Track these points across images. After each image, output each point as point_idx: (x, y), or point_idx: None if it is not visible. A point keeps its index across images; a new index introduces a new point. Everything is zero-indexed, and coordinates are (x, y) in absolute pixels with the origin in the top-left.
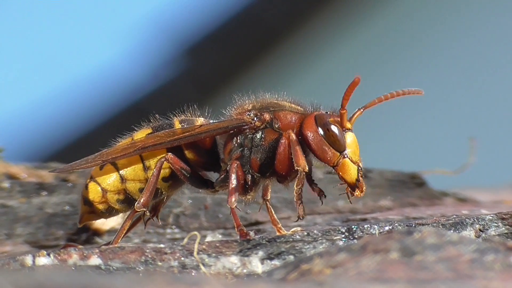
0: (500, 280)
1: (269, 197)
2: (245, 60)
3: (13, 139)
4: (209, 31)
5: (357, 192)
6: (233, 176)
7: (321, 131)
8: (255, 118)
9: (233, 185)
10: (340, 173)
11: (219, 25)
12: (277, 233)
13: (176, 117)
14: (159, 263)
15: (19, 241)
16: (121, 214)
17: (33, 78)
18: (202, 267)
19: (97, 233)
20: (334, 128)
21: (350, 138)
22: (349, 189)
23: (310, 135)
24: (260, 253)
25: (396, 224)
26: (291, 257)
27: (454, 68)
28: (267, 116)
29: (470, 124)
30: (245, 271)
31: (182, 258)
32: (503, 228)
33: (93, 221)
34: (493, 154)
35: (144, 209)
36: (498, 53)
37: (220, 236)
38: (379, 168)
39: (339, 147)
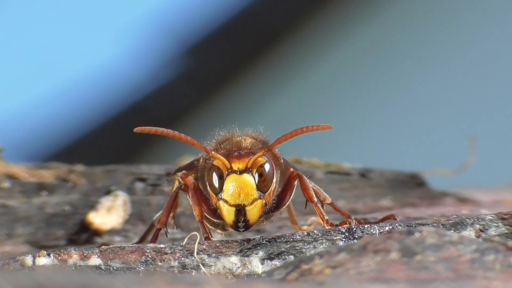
0: (500, 280)
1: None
2: (245, 60)
3: (13, 139)
4: (209, 31)
5: (241, 230)
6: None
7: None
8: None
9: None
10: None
11: (219, 25)
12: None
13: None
14: (159, 263)
15: (19, 241)
16: (121, 214)
17: (33, 78)
18: (202, 267)
19: (97, 233)
20: (210, 171)
21: (229, 180)
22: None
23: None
24: (260, 253)
25: (396, 224)
26: (291, 257)
27: (454, 68)
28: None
29: (470, 124)
30: (245, 271)
31: (182, 258)
32: (503, 228)
33: (94, 221)
34: (493, 154)
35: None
36: (498, 53)
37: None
38: (379, 168)
39: (212, 189)
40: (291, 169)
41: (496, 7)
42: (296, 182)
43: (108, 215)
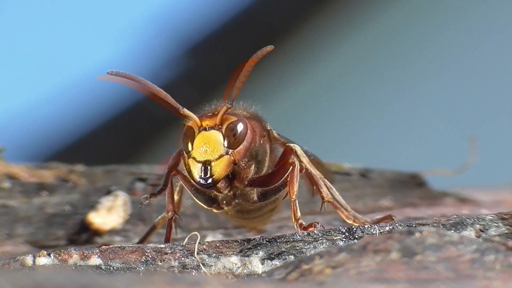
0: (500, 280)
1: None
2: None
3: (13, 139)
4: (210, 32)
5: (206, 186)
6: None
7: None
8: None
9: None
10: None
11: (220, 25)
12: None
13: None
14: (160, 263)
15: (19, 241)
16: (121, 214)
17: (33, 78)
18: (202, 267)
19: (98, 233)
20: (184, 132)
21: (198, 137)
22: None
23: None
24: (261, 253)
25: (396, 224)
26: (292, 257)
27: (454, 68)
28: None
29: (470, 124)
30: (245, 271)
31: (183, 258)
32: (504, 228)
33: (94, 221)
34: (493, 154)
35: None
36: (498, 53)
37: (220, 236)
38: (379, 168)
39: (185, 149)
40: (291, 157)
41: (496, 7)
42: (296, 171)
43: (108, 215)
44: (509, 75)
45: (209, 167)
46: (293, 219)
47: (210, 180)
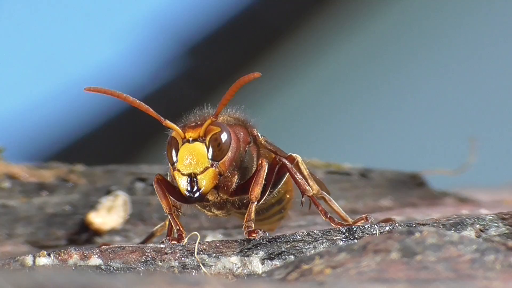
0: (500, 280)
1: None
2: (245, 60)
3: (13, 139)
4: (209, 32)
5: (194, 199)
6: None
7: None
8: None
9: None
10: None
11: (219, 25)
12: None
13: None
14: (160, 263)
15: (19, 241)
16: (121, 214)
17: (33, 78)
18: (202, 267)
19: (98, 233)
20: (168, 143)
21: (182, 150)
22: None
23: None
24: (261, 253)
25: (396, 224)
26: (292, 257)
27: (454, 68)
28: None
29: (470, 124)
30: (245, 271)
31: (183, 258)
32: (504, 228)
33: (94, 221)
34: (493, 154)
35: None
36: (498, 53)
37: (220, 236)
38: (379, 168)
39: (170, 161)
40: (280, 156)
41: (496, 8)
42: (285, 170)
43: (108, 215)
44: (509, 75)
45: (195, 180)
46: (245, 219)
47: (197, 194)
